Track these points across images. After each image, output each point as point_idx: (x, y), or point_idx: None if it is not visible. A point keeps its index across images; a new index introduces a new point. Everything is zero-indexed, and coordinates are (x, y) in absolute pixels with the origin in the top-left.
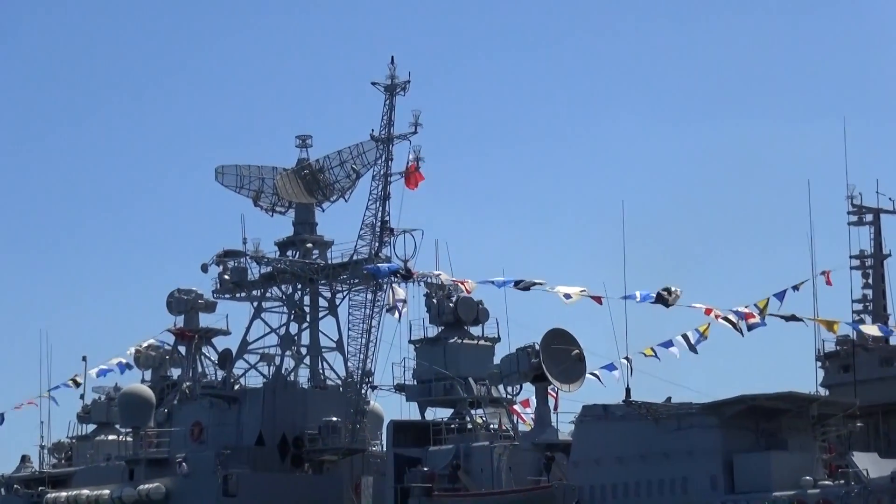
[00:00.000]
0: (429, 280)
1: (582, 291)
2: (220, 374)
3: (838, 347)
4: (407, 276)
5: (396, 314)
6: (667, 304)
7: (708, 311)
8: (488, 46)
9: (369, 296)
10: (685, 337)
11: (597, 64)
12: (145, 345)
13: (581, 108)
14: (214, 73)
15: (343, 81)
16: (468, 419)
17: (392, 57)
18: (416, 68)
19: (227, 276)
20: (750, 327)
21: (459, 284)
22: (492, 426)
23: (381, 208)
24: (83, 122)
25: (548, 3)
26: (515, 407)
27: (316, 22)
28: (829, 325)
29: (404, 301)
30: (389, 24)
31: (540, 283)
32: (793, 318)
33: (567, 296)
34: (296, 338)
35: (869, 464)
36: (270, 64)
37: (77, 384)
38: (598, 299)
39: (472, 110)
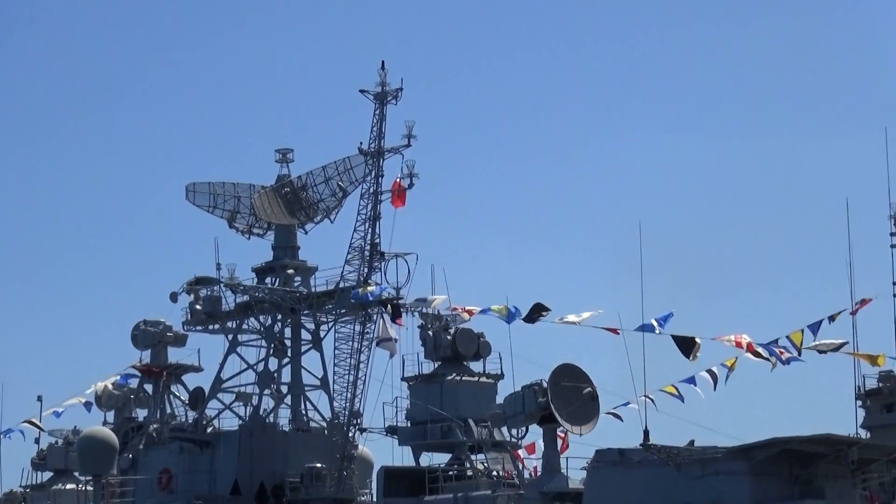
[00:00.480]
0: (423, 310)
1: (598, 312)
2: (192, 415)
3: (881, 384)
4: (395, 314)
5: (393, 347)
6: (689, 355)
7: (737, 344)
8: (489, 49)
9: (357, 327)
10: (711, 373)
11: (609, 71)
12: (108, 383)
13: (594, 118)
14: (183, 80)
15: (328, 89)
16: (468, 465)
17: (382, 62)
18: (409, 75)
19: (198, 307)
20: (783, 362)
21: (460, 313)
22: (494, 473)
23: (370, 230)
24: (38, 134)
25: (555, 6)
26: (520, 452)
27: (298, 23)
28: (873, 360)
29: (394, 339)
30: (380, 27)
31: (544, 313)
32: (837, 347)
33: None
34: (276, 375)
35: None
36: (246, 70)
37: (36, 426)
38: (613, 330)
39: (471, 121)
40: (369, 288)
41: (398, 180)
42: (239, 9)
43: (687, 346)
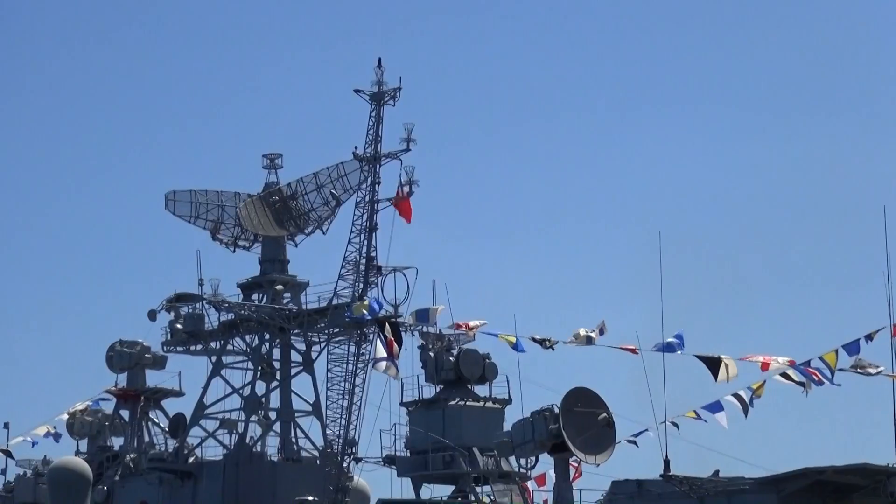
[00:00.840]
0: (423, 328)
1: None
2: (172, 443)
3: None
4: (395, 335)
5: (393, 371)
6: (717, 375)
7: (765, 366)
8: (495, 46)
9: (352, 348)
10: (738, 397)
11: (625, 71)
12: (80, 408)
13: (609, 121)
14: (161, 77)
15: (320, 89)
16: (473, 498)
17: (379, 59)
18: (408, 73)
19: (179, 325)
20: (816, 384)
21: (465, 331)
22: None
23: (366, 242)
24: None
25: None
26: (529, 484)
27: (287, 17)
28: None
29: (394, 360)
30: (376, 20)
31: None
32: (875, 370)
33: (589, 339)
34: (263, 399)
35: None
36: (231, 68)
37: (6, 454)
38: (631, 350)
39: (475, 124)
40: (365, 305)
41: (400, 190)
42: (222, 7)
43: (714, 365)
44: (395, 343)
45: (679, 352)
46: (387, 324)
